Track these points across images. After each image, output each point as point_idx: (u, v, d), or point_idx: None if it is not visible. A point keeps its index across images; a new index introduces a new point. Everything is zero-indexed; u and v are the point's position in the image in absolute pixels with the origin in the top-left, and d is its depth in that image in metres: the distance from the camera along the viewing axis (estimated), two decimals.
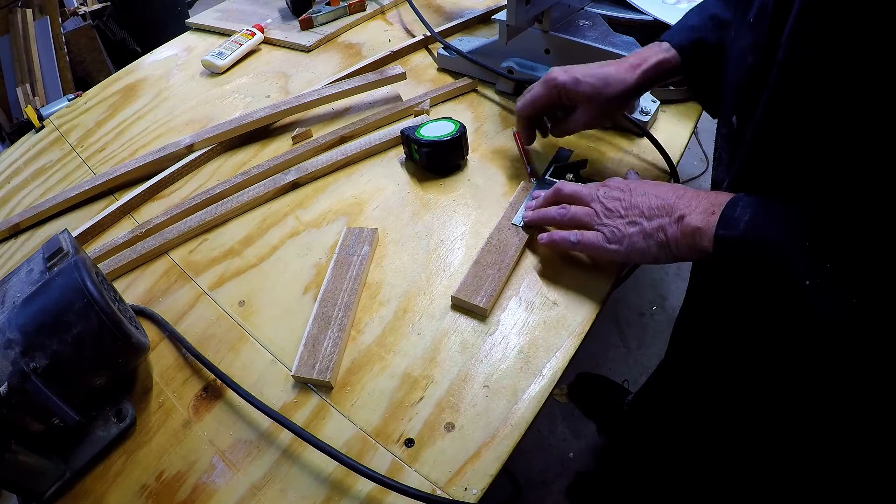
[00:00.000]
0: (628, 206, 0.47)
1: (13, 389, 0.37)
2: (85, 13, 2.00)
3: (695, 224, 0.42)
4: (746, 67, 0.42)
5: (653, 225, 0.45)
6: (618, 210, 0.48)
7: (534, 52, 0.71)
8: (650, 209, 0.46)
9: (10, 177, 0.78)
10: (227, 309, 0.54)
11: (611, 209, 0.48)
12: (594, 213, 0.49)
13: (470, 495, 0.40)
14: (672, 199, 0.45)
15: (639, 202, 0.47)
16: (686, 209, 0.43)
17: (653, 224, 0.45)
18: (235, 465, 0.43)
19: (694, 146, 1.94)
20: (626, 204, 0.47)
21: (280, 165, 0.68)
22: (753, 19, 0.41)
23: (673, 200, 0.45)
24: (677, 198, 0.45)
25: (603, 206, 0.49)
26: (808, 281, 0.35)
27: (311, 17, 0.96)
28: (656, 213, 0.45)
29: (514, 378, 0.46)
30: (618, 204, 0.48)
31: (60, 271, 0.43)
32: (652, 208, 0.46)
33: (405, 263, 0.56)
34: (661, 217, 0.45)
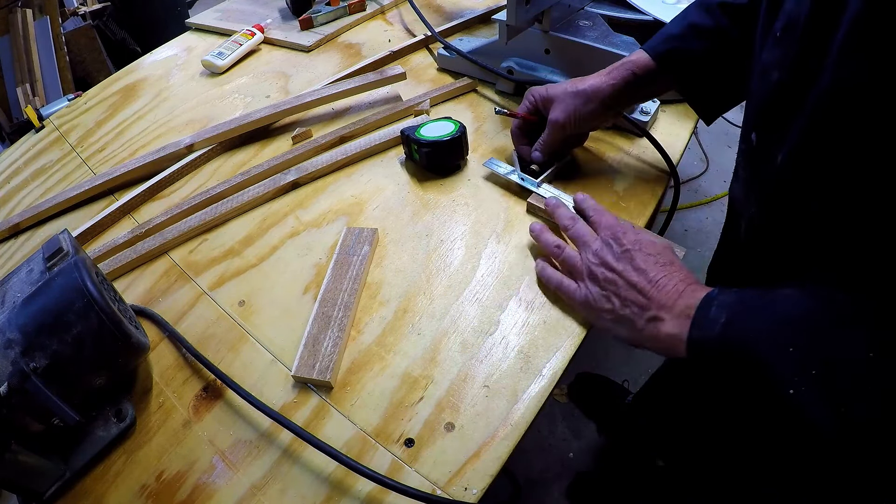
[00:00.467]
0: (608, 279, 0.45)
1: (13, 389, 0.37)
2: (85, 13, 2.00)
3: (668, 331, 0.41)
4: (771, 84, 0.40)
5: (624, 313, 0.44)
6: (598, 277, 0.46)
7: (534, 52, 0.72)
8: (625, 296, 0.44)
9: (10, 177, 0.78)
10: (227, 309, 0.54)
11: (595, 274, 0.47)
12: (583, 266, 0.48)
13: (470, 495, 0.40)
14: (649, 288, 0.43)
15: (618, 279, 0.45)
16: (660, 310, 0.42)
17: (624, 312, 0.44)
18: (235, 465, 0.43)
19: (694, 146, 1.94)
20: (608, 276, 0.46)
21: (280, 165, 0.68)
22: (780, 33, 0.39)
23: (650, 291, 0.43)
24: (656, 288, 0.43)
25: (590, 265, 0.47)
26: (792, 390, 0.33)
27: (311, 17, 0.96)
28: (630, 303, 0.43)
29: (514, 378, 0.46)
30: (602, 270, 0.46)
31: (60, 271, 0.43)
32: (627, 297, 0.44)
33: (405, 263, 0.56)
34: (634, 308, 0.43)
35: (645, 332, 0.42)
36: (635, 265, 0.45)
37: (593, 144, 0.68)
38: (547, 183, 0.61)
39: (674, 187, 0.64)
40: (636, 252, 0.46)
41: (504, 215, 0.60)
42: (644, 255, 0.45)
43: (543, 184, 0.60)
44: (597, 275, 0.46)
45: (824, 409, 0.32)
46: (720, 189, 1.81)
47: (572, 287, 0.49)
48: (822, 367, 0.32)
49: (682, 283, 0.42)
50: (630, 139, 0.68)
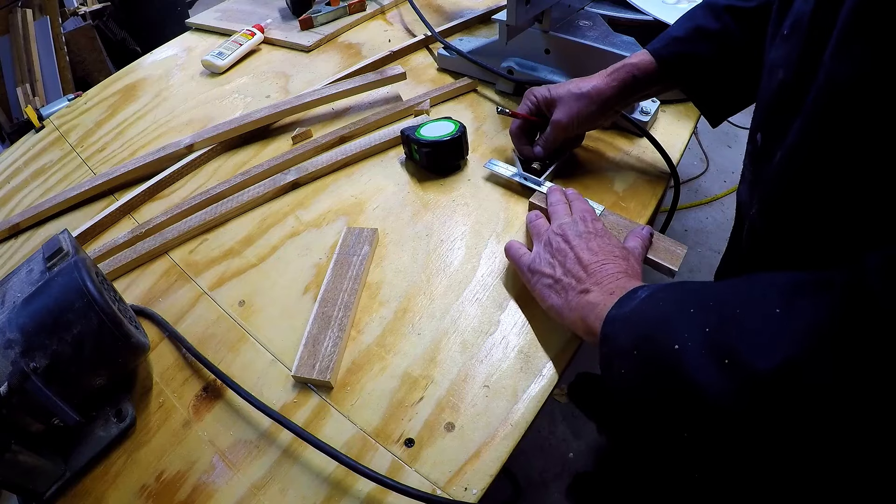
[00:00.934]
0: (560, 249, 0.48)
1: (13, 389, 0.37)
2: (85, 13, 2.00)
3: (589, 300, 0.42)
4: (776, 82, 0.40)
5: (562, 282, 0.46)
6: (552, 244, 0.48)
7: (534, 52, 0.71)
8: (569, 267, 0.46)
9: (10, 177, 0.78)
10: (227, 309, 0.54)
11: (550, 242, 0.49)
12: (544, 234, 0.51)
13: (470, 495, 0.40)
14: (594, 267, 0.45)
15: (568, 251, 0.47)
16: (593, 285, 0.43)
17: (562, 280, 0.46)
18: (235, 465, 0.43)
19: (694, 146, 1.94)
20: (561, 246, 0.48)
21: (280, 165, 0.68)
22: (788, 31, 0.39)
23: (592, 268, 0.45)
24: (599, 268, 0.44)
25: (549, 234, 0.50)
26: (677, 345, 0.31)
27: (311, 17, 0.96)
28: (571, 274, 0.45)
29: (514, 378, 0.46)
30: (558, 240, 0.48)
31: (60, 271, 0.43)
32: (570, 269, 0.46)
33: (405, 263, 0.56)
34: (571, 279, 0.45)
35: (571, 301, 0.44)
36: (590, 246, 0.47)
37: (593, 144, 0.68)
38: (549, 181, 0.61)
39: (674, 187, 0.64)
40: (596, 237, 0.48)
41: (504, 215, 0.60)
42: (602, 241, 0.47)
43: (546, 182, 0.61)
44: (552, 242, 0.49)
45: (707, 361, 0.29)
46: (720, 189, 1.81)
47: (521, 251, 0.51)
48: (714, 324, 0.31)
49: (625, 273, 0.44)
50: (630, 139, 0.68)
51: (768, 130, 0.43)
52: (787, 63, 0.38)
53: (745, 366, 0.28)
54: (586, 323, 0.42)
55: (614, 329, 0.38)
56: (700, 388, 0.29)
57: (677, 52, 0.55)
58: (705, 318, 0.31)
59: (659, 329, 0.34)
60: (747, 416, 0.28)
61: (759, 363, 0.27)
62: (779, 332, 0.28)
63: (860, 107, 0.30)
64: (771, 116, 0.42)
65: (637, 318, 0.37)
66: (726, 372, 0.29)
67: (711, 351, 0.30)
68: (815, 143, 0.35)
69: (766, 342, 0.28)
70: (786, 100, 0.38)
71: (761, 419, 0.28)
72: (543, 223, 0.53)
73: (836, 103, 0.32)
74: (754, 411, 0.28)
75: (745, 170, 0.50)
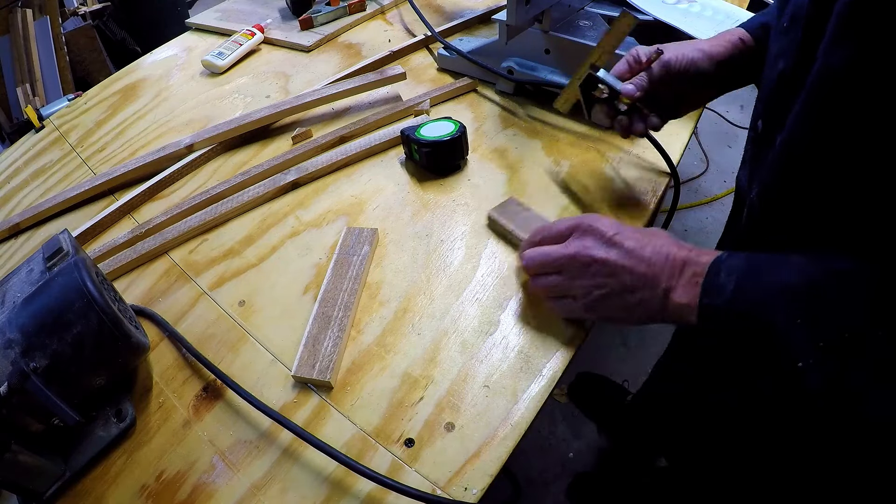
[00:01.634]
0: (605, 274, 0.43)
1: (13, 389, 0.37)
2: (85, 13, 2.00)
3: (679, 301, 0.40)
4: (776, 72, 0.41)
5: (636, 297, 0.42)
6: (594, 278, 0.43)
7: (534, 52, 0.71)
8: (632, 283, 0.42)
9: (10, 177, 0.78)
10: (227, 309, 0.54)
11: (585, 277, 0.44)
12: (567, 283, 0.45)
13: (470, 495, 0.40)
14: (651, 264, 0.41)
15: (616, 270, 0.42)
16: (670, 281, 0.40)
17: (636, 296, 0.42)
18: (235, 465, 0.43)
19: (694, 146, 1.94)
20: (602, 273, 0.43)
21: (280, 165, 0.68)
22: (787, 24, 0.40)
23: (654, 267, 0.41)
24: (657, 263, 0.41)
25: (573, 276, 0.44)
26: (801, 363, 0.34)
27: (311, 17, 0.96)
28: (639, 287, 0.41)
29: (514, 378, 0.46)
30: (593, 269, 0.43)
31: (60, 271, 0.43)
32: (634, 282, 0.42)
33: (405, 263, 0.56)
34: (643, 289, 0.41)
35: (662, 305, 0.41)
36: (627, 248, 0.42)
37: (593, 144, 0.68)
38: None
39: (674, 187, 0.64)
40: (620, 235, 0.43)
41: None
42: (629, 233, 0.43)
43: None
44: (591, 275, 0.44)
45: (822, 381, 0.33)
46: (720, 189, 1.81)
47: (568, 305, 0.46)
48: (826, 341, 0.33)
49: (682, 249, 0.41)
50: (630, 139, 0.68)
51: (769, 118, 0.44)
52: (787, 54, 0.39)
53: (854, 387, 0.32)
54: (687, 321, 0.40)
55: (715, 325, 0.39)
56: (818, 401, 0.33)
57: (761, 22, 0.54)
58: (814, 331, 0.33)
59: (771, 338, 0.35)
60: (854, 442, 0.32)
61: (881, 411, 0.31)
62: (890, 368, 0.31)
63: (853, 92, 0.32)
64: (771, 105, 0.43)
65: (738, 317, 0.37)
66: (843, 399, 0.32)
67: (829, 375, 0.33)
68: (812, 128, 0.36)
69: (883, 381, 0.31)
70: (785, 89, 0.39)
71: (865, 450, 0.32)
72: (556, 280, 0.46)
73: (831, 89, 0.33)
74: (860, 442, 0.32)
75: (746, 154, 0.50)
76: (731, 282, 0.38)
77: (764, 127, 0.44)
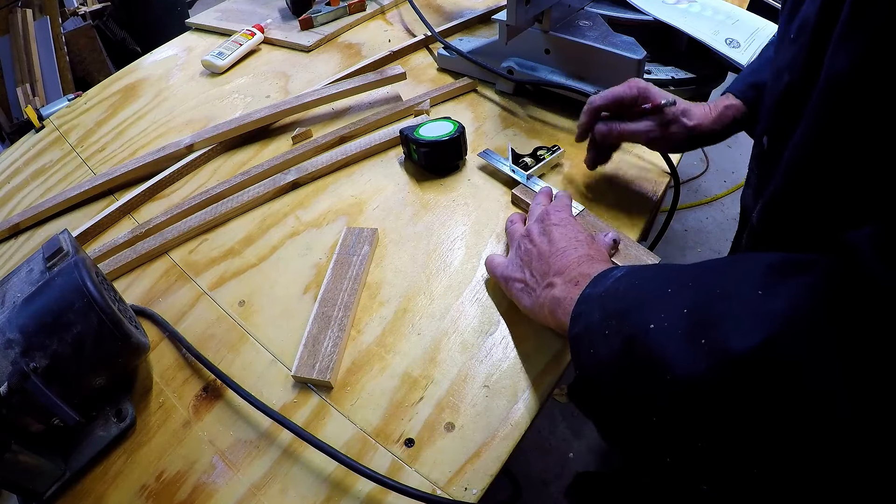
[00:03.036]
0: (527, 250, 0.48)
1: (13, 389, 0.37)
2: (85, 13, 2.00)
3: (555, 295, 0.42)
4: (782, 85, 0.41)
5: (531, 282, 0.46)
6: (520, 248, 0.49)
7: (534, 52, 0.71)
8: (535, 266, 0.46)
9: (10, 177, 0.78)
10: (227, 309, 0.54)
11: (519, 246, 0.49)
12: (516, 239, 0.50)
13: (470, 495, 0.40)
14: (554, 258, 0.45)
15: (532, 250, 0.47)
16: (555, 276, 0.43)
17: (531, 281, 0.46)
18: (235, 465, 0.43)
19: None
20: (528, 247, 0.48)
21: (280, 165, 0.68)
22: (794, 35, 0.39)
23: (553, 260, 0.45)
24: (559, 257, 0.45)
25: (519, 239, 0.50)
26: (653, 324, 0.30)
27: (311, 17, 0.96)
28: (537, 273, 0.46)
29: (514, 378, 0.46)
30: (525, 242, 0.48)
31: (60, 271, 0.43)
32: (536, 268, 0.46)
33: (405, 263, 0.56)
34: (538, 277, 0.45)
35: (539, 298, 0.44)
36: (551, 237, 0.47)
37: None
38: (537, 177, 0.62)
39: (674, 187, 0.64)
40: (556, 227, 0.47)
41: (504, 215, 0.60)
42: (564, 230, 0.47)
43: (533, 177, 0.61)
44: (521, 246, 0.49)
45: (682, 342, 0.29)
46: (720, 189, 1.81)
47: (495, 261, 0.51)
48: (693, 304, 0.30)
49: (587, 255, 0.44)
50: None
51: (774, 132, 0.43)
52: (793, 65, 0.39)
53: (721, 346, 0.27)
54: (556, 317, 0.41)
55: (586, 308, 0.37)
56: (674, 367, 0.29)
57: (750, 83, 0.55)
58: (684, 298, 0.31)
59: (634, 308, 0.33)
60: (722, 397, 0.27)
61: (735, 344, 0.26)
62: (758, 313, 0.27)
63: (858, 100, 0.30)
64: (777, 118, 0.42)
65: (610, 296, 0.36)
66: (702, 352, 0.28)
67: (688, 331, 0.29)
68: (818, 140, 0.35)
69: (745, 323, 0.27)
70: (792, 101, 0.39)
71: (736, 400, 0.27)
72: (518, 228, 0.52)
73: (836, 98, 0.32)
74: (730, 392, 0.27)
75: (751, 174, 0.50)
76: (620, 272, 0.38)
77: (770, 143, 0.44)
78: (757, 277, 0.29)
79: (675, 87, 0.72)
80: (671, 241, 1.64)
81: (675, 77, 0.72)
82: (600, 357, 0.34)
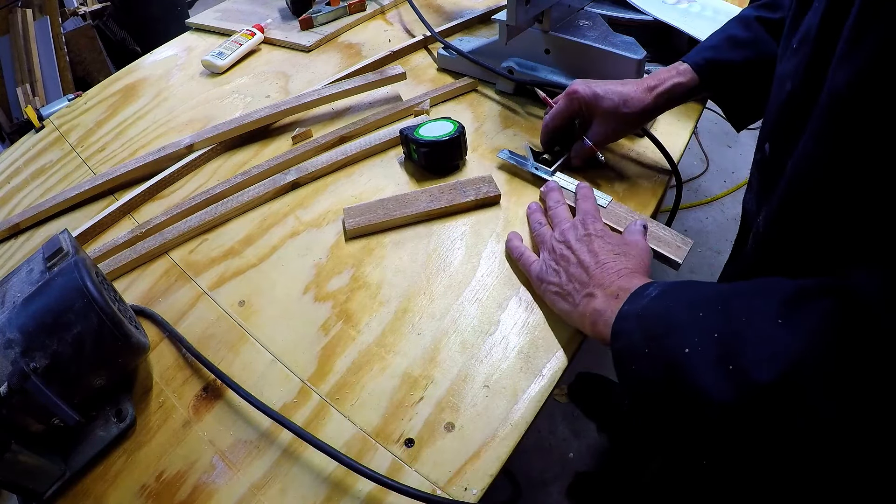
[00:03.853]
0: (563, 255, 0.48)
1: (13, 389, 0.37)
2: (85, 13, 2.00)
3: (595, 307, 0.43)
4: (784, 94, 0.41)
5: (567, 288, 0.47)
6: (556, 252, 0.49)
7: (534, 52, 0.72)
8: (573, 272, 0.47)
9: (10, 177, 0.78)
10: (227, 309, 0.54)
11: (554, 249, 0.50)
12: (548, 242, 0.51)
13: (470, 495, 0.40)
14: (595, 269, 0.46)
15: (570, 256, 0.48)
16: (596, 288, 0.44)
17: (567, 287, 0.47)
18: (235, 465, 0.43)
19: (694, 146, 1.94)
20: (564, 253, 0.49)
21: (280, 165, 0.68)
22: (797, 44, 0.40)
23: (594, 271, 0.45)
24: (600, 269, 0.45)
25: (553, 242, 0.51)
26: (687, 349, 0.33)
27: (311, 17, 0.96)
28: (575, 279, 0.46)
29: (514, 378, 0.46)
30: (561, 247, 0.49)
31: (60, 271, 0.43)
32: (573, 274, 0.47)
33: (405, 263, 0.56)
34: (576, 284, 0.46)
35: (579, 307, 0.45)
36: (591, 248, 0.48)
37: None
38: (560, 171, 0.62)
39: (676, 186, 0.64)
40: (596, 238, 0.48)
41: (504, 215, 0.60)
42: (603, 242, 0.48)
43: (557, 172, 0.62)
44: (555, 249, 0.50)
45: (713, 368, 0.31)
46: (720, 189, 1.81)
47: (531, 259, 0.52)
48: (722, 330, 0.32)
49: (626, 269, 0.45)
50: (630, 139, 0.68)
51: (776, 141, 0.43)
52: (796, 74, 0.39)
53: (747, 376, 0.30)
54: (596, 328, 0.43)
55: (626, 326, 0.39)
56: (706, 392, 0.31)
57: (709, 59, 0.56)
58: (714, 323, 0.33)
59: (670, 331, 0.35)
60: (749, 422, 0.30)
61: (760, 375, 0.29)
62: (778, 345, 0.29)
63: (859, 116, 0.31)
64: (779, 127, 0.42)
65: (649, 316, 0.38)
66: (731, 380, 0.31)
67: (719, 358, 0.32)
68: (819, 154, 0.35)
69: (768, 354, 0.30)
70: (794, 110, 0.39)
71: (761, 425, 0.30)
72: (547, 231, 0.53)
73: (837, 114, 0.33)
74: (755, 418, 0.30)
75: (752, 179, 0.50)
76: (655, 290, 0.39)
77: (772, 150, 0.44)
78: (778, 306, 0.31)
79: None
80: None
81: None
82: (644, 375, 0.36)
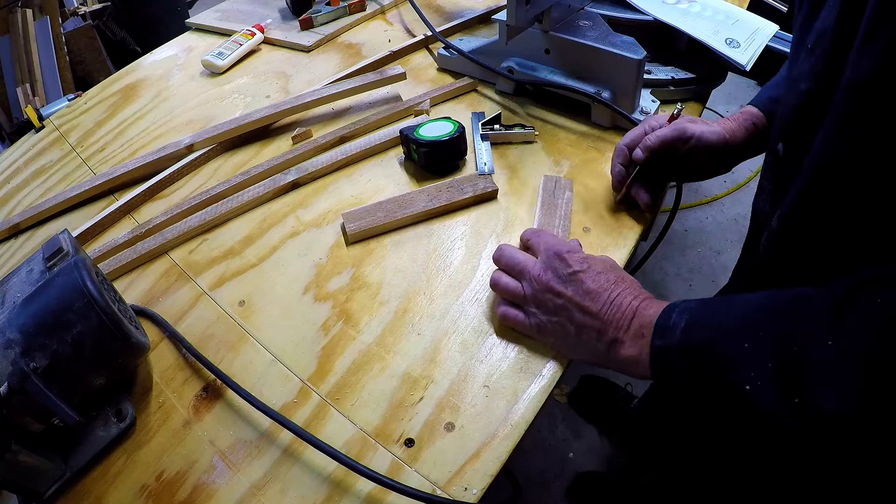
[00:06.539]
0: (559, 305, 0.44)
1: (13, 389, 0.37)
2: (85, 13, 2.00)
3: (627, 353, 0.41)
4: (800, 93, 0.41)
5: (582, 339, 0.43)
6: (546, 304, 0.45)
7: (534, 52, 0.71)
8: (580, 321, 0.43)
9: (10, 177, 0.78)
10: (227, 309, 0.54)
11: (542, 301, 0.45)
12: (523, 294, 0.46)
13: (470, 495, 0.40)
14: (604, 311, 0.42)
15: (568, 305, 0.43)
16: (617, 331, 0.41)
17: (581, 338, 0.43)
18: (235, 465, 0.43)
19: None
20: (557, 303, 0.44)
21: (280, 165, 0.68)
22: (811, 45, 0.40)
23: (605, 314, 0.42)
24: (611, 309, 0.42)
25: (533, 292, 0.45)
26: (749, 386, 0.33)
27: (311, 17, 0.96)
28: (586, 328, 0.43)
29: (514, 378, 0.46)
30: (550, 297, 0.44)
31: (60, 271, 0.43)
32: (583, 323, 0.43)
33: (405, 263, 0.56)
34: (591, 333, 0.42)
35: (608, 355, 0.42)
36: (585, 288, 0.43)
37: (593, 144, 0.68)
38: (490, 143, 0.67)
39: (676, 186, 0.64)
40: (584, 274, 0.44)
41: (504, 215, 0.60)
42: (594, 274, 0.44)
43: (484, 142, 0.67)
44: (545, 302, 0.45)
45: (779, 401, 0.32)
46: (720, 189, 1.81)
47: (519, 317, 0.47)
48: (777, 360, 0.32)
49: (636, 300, 0.42)
50: None
51: (791, 140, 0.43)
52: (812, 72, 0.39)
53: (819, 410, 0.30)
54: (636, 373, 0.41)
55: (667, 367, 0.38)
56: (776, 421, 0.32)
57: (768, 97, 0.56)
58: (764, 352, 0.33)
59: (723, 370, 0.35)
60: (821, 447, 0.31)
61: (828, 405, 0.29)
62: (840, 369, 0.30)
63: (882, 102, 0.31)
64: (795, 126, 0.42)
65: (689, 353, 0.37)
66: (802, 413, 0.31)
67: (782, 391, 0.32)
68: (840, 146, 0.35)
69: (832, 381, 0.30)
70: (811, 108, 0.39)
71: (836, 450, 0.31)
72: (514, 285, 0.47)
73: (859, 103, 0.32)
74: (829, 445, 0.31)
75: (764, 179, 0.50)
76: (682, 320, 0.38)
77: (786, 150, 0.44)
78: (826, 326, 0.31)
79: (674, 87, 0.72)
80: (671, 241, 1.64)
81: (675, 77, 0.72)
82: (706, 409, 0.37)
